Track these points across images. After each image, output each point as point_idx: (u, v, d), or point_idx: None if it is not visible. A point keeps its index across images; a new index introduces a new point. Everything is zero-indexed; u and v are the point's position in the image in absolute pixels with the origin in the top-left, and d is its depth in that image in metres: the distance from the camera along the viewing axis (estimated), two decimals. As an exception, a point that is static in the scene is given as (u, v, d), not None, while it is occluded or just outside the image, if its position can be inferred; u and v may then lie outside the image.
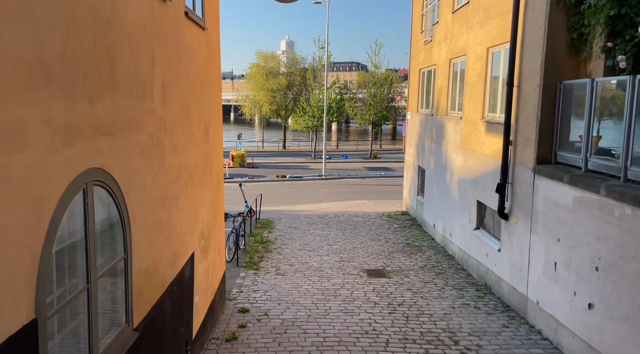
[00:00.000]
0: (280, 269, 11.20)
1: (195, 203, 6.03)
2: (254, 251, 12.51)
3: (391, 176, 30.14)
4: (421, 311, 8.68)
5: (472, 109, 10.82)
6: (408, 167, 17.80)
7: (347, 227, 15.53)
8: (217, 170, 7.63)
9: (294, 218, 16.97)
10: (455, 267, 11.42)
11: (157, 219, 4.48)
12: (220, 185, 8.01)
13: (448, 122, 12.75)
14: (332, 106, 39.63)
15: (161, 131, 4.57)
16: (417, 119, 16.33)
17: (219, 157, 7.78)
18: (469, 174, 10.98)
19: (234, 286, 9.98)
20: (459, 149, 11.73)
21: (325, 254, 12.49)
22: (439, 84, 13.67)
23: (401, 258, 12.13)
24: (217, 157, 7.64)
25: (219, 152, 7.81)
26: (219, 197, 7.89)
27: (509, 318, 8.29)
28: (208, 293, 7.07)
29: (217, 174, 7.57)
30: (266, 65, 48.29)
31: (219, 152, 7.81)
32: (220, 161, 8.03)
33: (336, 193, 23.60)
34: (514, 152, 8.54)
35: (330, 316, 8.40)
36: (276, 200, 21.65)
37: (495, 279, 9.41)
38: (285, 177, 29.02)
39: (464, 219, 11.33)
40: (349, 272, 11.02)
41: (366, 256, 12.33)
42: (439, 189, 13.54)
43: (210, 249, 7.15)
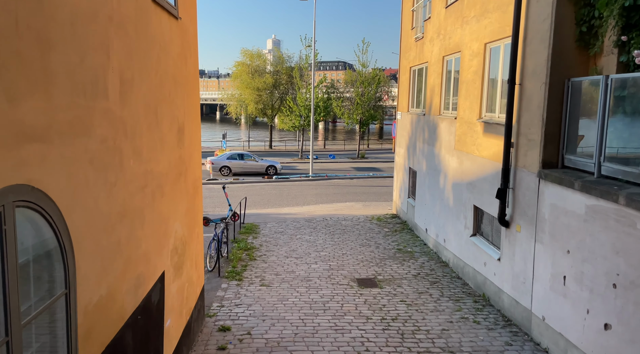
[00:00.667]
0: (265, 279, 10.50)
1: (166, 216, 5.31)
2: (237, 259, 11.78)
3: (379, 177, 29.57)
4: (417, 326, 8.05)
5: (467, 109, 10.23)
6: (398, 168, 17.21)
7: (336, 231, 14.88)
8: (194, 176, 6.90)
9: (280, 222, 16.27)
10: (450, 275, 10.83)
11: (113, 240, 3.76)
12: (198, 192, 7.28)
13: (441, 123, 12.16)
14: (319, 105, 38.96)
15: (119, 134, 3.85)
16: (408, 119, 15.73)
17: (195, 162, 7.05)
18: (465, 178, 10.39)
19: (215, 300, 9.25)
20: (454, 151, 11.14)
21: (313, 261, 11.81)
22: (431, 83, 13.07)
23: (393, 265, 11.50)
24: (194, 162, 6.91)
25: (196, 157, 7.07)
26: (196, 207, 7.15)
27: (512, 334, 7.70)
28: (183, 314, 6.34)
29: (193, 181, 6.84)
30: (252, 64, 47.43)
31: (196, 156, 7.08)
32: (198, 166, 7.30)
33: (324, 195, 22.94)
34: (516, 155, 7.95)
35: (319, 334, 7.73)
36: (262, 202, 20.92)
37: (495, 290, 8.82)
38: (272, 179, 28.26)
39: (459, 225, 10.74)
40: (338, 282, 10.36)
41: (356, 263, 11.69)
42: (431, 192, 12.95)
43: (186, 264, 6.43)
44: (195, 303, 7.17)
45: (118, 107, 3.81)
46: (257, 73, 47.50)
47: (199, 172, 7.36)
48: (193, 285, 6.99)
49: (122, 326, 3.97)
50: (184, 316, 6.41)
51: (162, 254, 5.17)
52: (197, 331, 7.41)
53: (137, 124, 4.29)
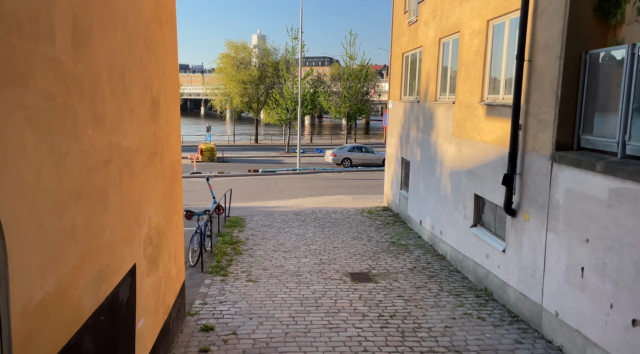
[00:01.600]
0: (251, 274, 9.79)
1: (137, 200, 4.57)
2: (221, 254, 11.04)
3: (368, 170, 29.00)
4: (418, 323, 7.43)
5: (467, 92, 9.63)
6: (390, 159, 16.59)
7: (326, 224, 14.21)
8: (172, 159, 6.15)
9: (267, 215, 15.55)
10: (448, 269, 10.25)
11: (65, 224, 3.03)
12: (177, 177, 6.54)
13: (437, 109, 11.55)
14: (306, 97, 38.22)
15: (73, 94, 3.11)
16: (400, 108, 15.11)
17: (174, 143, 6.30)
18: (464, 165, 9.80)
19: (197, 297, 8.52)
20: (452, 138, 10.54)
21: (303, 255, 11.13)
22: (426, 67, 12.45)
23: (387, 259, 10.88)
24: (172, 143, 6.16)
25: (174, 138, 6.33)
26: (175, 193, 6.41)
27: (520, 331, 7.12)
28: (160, 313, 5.61)
29: (171, 164, 6.10)
30: (237, 56, 46.42)
31: (174, 137, 6.33)
32: (177, 148, 6.55)
33: (312, 188, 22.26)
34: (524, 137, 7.35)
35: (312, 333, 7.06)
36: (248, 196, 20.16)
37: (499, 283, 8.25)
38: (258, 172, 27.48)
39: (457, 216, 10.15)
40: (330, 276, 9.70)
41: (348, 257, 11.04)
42: (426, 182, 12.35)
43: (163, 257, 5.69)
44: (174, 300, 6.44)
45: (70, 60, 3.07)
46: (242, 66, 46.51)
47: (178, 155, 6.61)
48: (171, 280, 6.26)
49: (78, 329, 3.25)
50: (161, 316, 5.69)
51: (132, 244, 4.43)
52: (177, 331, 6.69)
53: (98, 85, 3.55)
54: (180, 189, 6.85)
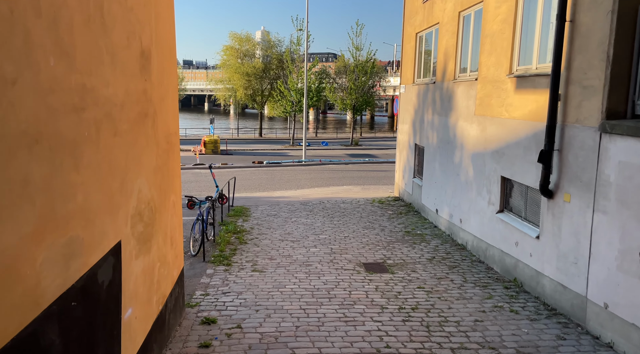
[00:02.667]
0: (257, 264, 9.03)
1: (122, 165, 3.80)
2: (225, 243, 10.29)
3: (376, 162, 28.19)
4: (444, 317, 6.64)
5: (493, 66, 8.81)
6: (401, 147, 15.78)
7: (335, 214, 13.43)
8: (167, 127, 5.38)
9: (272, 205, 14.78)
10: (470, 259, 9.45)
11: (12, 176, 2.26)
12: (174, 150, 5.76)
13: (457, 88, 10.73)
14: (311, 88, 37.39)
15: (19, 1, 2.34)
16: (413, 91, 14.29)
17: (169, 109, 5.52)
18: (489, 146, 8.98)
19: (198, 287, 7.77)
20: (474, 117, 9.72)
21: (312, 245, 10.36)
22: (443, 45, 11.62)
23: (403, 249, 10.10)
24: (167, 108, 5.39)
25: (170, 103, 5.55)
26: (172, 167, 5.64)
27: (561, 325, 6.32)
28: (153, 302, 4.85)
29: (166, 133, 5.33)
30: (241, 48, 45.62)
31: (170, 102, 5.55)
32: (173, 116, 5.77)
33: (319, 179, 21.48)
34: (565, 109, 6.54)
35: (326, 326, 6.28)
36: (252, 187, 19.40)
37: (531, 273, 7.45)
38: (262, 164, 26.72)
39: (481, 202, 9.35)
40: (342, 266, 8.93)
41: (361, 246, 10.26)
42: (443, 168, 11.54)
43: (156, 238, 4.93)
44: (171, 289, 5.68)
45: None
46: (246, 58, 45.76)
47: (174, 126, 5.83)
48: (168, 266, 5.50)
49: (36, 316, 2.48)
50: (155, 306, 4.93)
51: (116, 218, 3.67)
52: (174, 324, 5.93)
53: (64, 5, 2.77)
54: (178, 165, 6.07)
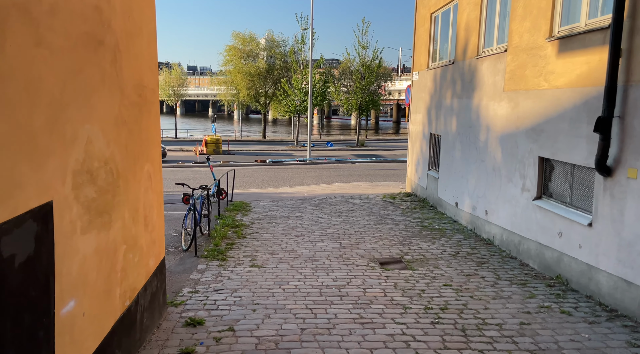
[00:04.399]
0: (256, 259, 7.88)
1: (55, 94, 2.68)
2: (221, 237, 9.15)
3: (384, 161, 27.04)
4: (481, 318, 5.47)
5: (527, 31, 7.68)
6: (414, 138, 14.63)
7: (343, 209, 12.28)
8: (138, 75, 4.25)
9: (275, 200, 13.64)
10: (499, 254, 8.27)
11: None
12: (149, 109, 4.63)
13: (481, 65, 9.60)
14: (316, 87, 36.33)
15: None
16: (428, 76, 13.16)
17: (142, 54, 4.40)
18: (522, 124, 7.83)
19: (187, 284, 6.62)
20: (502, 94, 8.58)
21: (319, 239, 9.21)
22: (464, 20, 10.51)
23: (421, 244, 8.93)
24: (138, 51, 4.26)
25: (143, 46, 4.43)
26: (146, 128, 4.51)
27: (629, 329, 5.13)
28: (115, 295, 3.71)
29: (136, 82, 4.20)
30: (244, 48, 44.64)
31: (144, 46, 4.43)
32: (151, 69, 4.65)
33: (324, 176, 20.34)
34: (628, 66, 5.39)
35: (339, 329, 5.12)
36: (254, 184, 18.29)
37: (581, 268, 6.26)
38: (265, 162, 25.62)
39: (512, 189, 8.18)
40: (354, 262, 7.77)
41: (374, 241, 9.10)
42: (464, 156, 10.39)
43: (121, 213, 3.80)
44: (145, 282, 4.54)
45: None
46: (249, 58, 44.78)
47: (151, 80, 4.69)
48: (140, 252, 4.35)
49: None
50: (118, 300, 3.78)
51: (42, 167, 2.54)
52: (150, 326, 4.78)
53: None
54: (156, 129, 4.94)
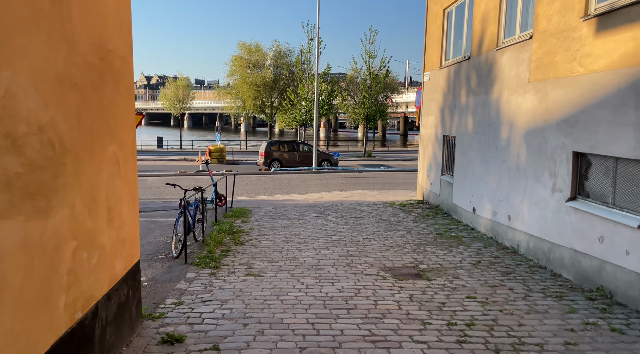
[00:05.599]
0: (253, 267, 7.04)
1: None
2: (216, 243, 8.32)
3: (392, 171, 26.16)
4: (516, 337, 4.56)
5: (557, 13, 6.88)
6: (426, 142, 13.79)
7: (350, 216, 11.42)
8: (99, 34, 3.48)
9: (278, 207, 12.81)
10: (525, 263, 7.36)
11: None
12: (118, 80, 3.85)
13: (501, 56, 8.79)
14: (322, 96, 35.67)
15: None
16: (441, 76, 12.38)
17: (107, 11, 3.63)
18: (552, 117, 6.99)
19: (171, 294, 5.78)
20: (527, 86, 7.75)
21: (324, 247, 8.35)
22: (480, 11, 9.74)
23: (437, 252, 8.04)
24: (101, 5, 3.49)
25: (111, 2, 3.66)
26: (111, 101, 3.71)
27: (702, 351, 4.22)
28: (59, 305, 2.88)
29: (97, 41, 3.43)
30: (250, 58, 44.27)
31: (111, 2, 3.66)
32: (122, 32, 3.88)
33: (330, 184, 19.49)
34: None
35: (346, 349, 4.24)
36: (257, 191, 17.48)
37: (629, 278, 5.35)
38: (269, 170, 24.83)
39: (540, 190, 7.30)
40: (363, 271, 6.90)
41: (384, 249, 8.22)
42: (483, 157, 9.53)
43: (68, 199, 2.99)
44: (108, 289, 3.70)
45: None
46: (255, 68, 44.39)
47: (123, 47, 3.91)
48: (100, 253, 3.53)
49: None
50: (63, 311, 2.95)
51: None
52: (118, 343, 3.93)
53: None
54: (130, 107, 4.14)
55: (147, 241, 8.99)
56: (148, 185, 18.78)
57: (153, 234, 9.57)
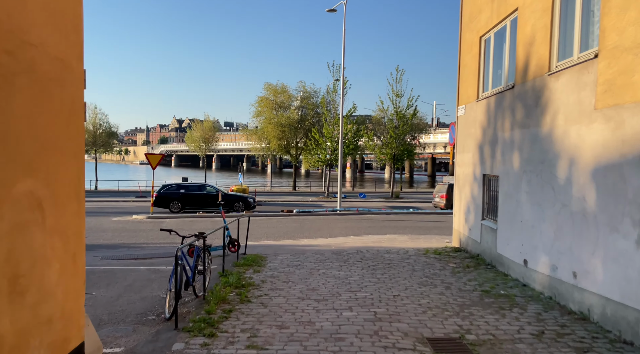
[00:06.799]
0: (258, 334, 5.67)
1: None
2: (217, 300, 7.01)
3: (422, 213, 24.55)
4: None
5: (632, 24, 5.60)
6: (462, 182, 12.37)
7: (378, 266, 9.97)
8: (14, 21, 2.35)
9: (296, 254, 11.47)
10: (603, 336, 5.76)
11: None
12: (48, 78, 2.71)
13: (555, 82, 7.50)
14: (347, 135, 34.69)
15: None
16: (479, 109, 11.11)
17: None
18: (633, 150, 5.57)
19: (146, 376, 4.46)
20: (593, 114, 6.39)
21: (346, 306, 6.93)
22: (527, 33, 8.55)
23: (487, 317, 6.51)
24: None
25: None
26: (38, 105, 2.58)
27: None
28: None
29: (11, 29, 2.29)
30: (276, 100, 44.08)
31: None
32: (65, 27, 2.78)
33: (356, 228, 18.06)
34: None
35: None
36: (276, 235, 16.18)
37: None
38: (292, 212, 23.60)
39: (619, 241, 5.79)
40: (395, 343, 5.45)
41: (420, 311, 6.75)
42: (535, 199, 8.07)
43: None
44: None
45: None
46: (281, 108, 44.11)
47: (58, 43, 2.82)
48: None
49: None
50: None
51: None
52: None
53: None
54: (65, 130, 3.00)
55: (141, 295, 7.77)
56: (163, 228, 17.75)
57: (150, 287, 8.35)
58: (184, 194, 24.40)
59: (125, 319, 6.48)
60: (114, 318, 6.55)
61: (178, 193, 24.38)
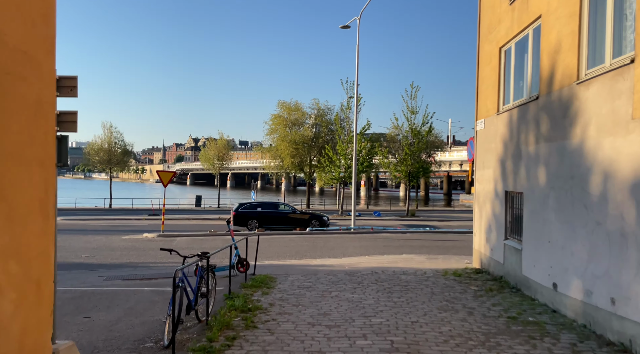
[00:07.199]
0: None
1: None
2: (221, 327, 6.50)
3: (439, 232, 23.80)
4: None
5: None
6: (482, 200, 11.76)
7: (394, 288, 9.38)
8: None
9: (308, 275, 10.92)
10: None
11: None
12: (6, 89, 2.29)
13: (584, 91, 6.96)
14: (361, 152, 34.21)
15: None
16: (500, 122, 10.57)
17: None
18: (679, 162, 5.00)
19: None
20: (630, 124, 5.84)
21: (360, 334, 6.36)
22: (551, 42, 8.06)
23: (516, 348, 5.89)
24: None
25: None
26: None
27: None
28: None
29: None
30: (289, 117, 43.97)
31: None
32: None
33: (370, 247, 17.44)
34: None
35: None
36: (287, 254, 15.66)
37: None
38: (304, 231, 23.06)
39: (665, 265, 5.17)
40: (414, 380, 4.86)
41: (441, 340, 6.15)
42: (565, 217, 7.47)
43: None
44: None
45: None
46: (295, 126, 43.94)
47: (18, 31, 2.42)
48: None
49: None
50: None
51: None
52: None
53: None
54: (39, 128, 2.58)
55: (142, 319, 7.30)
56: (173, 246, 17.36)
57: (153, 310, 7.88)
58: (261, 212, 24.50)
59: (121, 347, 6.01)
60: (110, 345, 6.08)
61: (255, 212, 24.47)
